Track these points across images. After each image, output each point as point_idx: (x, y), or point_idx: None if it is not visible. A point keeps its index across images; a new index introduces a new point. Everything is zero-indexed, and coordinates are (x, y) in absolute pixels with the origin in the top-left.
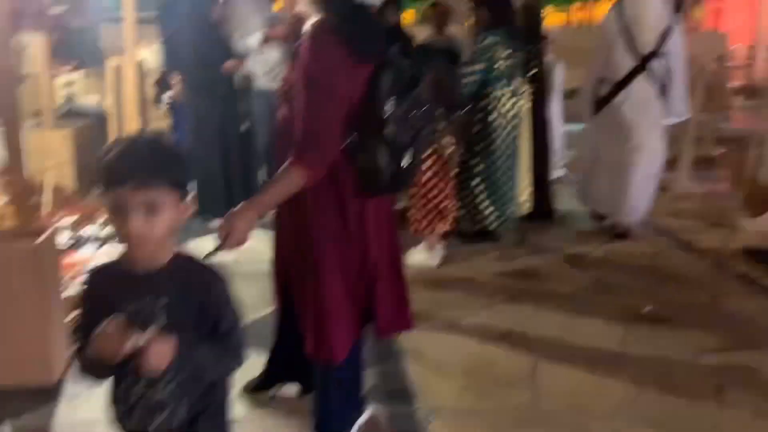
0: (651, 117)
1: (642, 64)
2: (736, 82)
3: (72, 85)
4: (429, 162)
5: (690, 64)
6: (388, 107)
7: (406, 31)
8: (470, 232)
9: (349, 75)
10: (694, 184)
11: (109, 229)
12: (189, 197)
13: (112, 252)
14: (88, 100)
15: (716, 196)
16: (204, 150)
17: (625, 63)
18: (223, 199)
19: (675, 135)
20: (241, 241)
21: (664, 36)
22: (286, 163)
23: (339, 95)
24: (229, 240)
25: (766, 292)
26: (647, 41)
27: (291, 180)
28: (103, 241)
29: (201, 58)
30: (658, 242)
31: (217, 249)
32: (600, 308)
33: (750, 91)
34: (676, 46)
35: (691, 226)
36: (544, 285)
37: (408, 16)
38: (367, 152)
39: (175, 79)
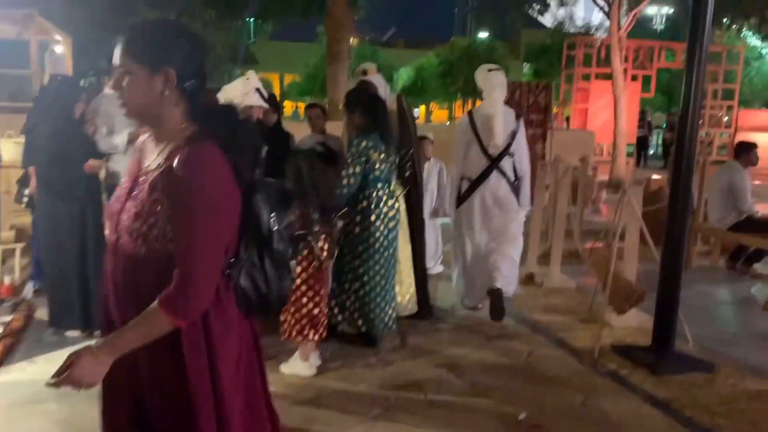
0: (504, 206)
1: (494, 163)
2: (602, 177)
3: None
4: (301, 267)
5: (558, 161)
6: (270, 223)
7: (284, 133)
8: (350, 335)
9: (235, 196)
10: (566, 279)
11: None
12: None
13: None
14: None
15: (587, 290)
16: (57, 255)
17: (480, 162)
18: (78, 308)
19: (545, 230)
20: (85, 384)
21: (511, 139)
22: (155, 304)
23: (230, 223)
24: (70, 379)
25: (634, 391)
26: (497, 144)
27: (158, 326)
28: None
29: (59, 154)
30: (532, 340)
31: (55, 384)
32: (477, 417)
33: (615, 185)
34: (520, 147)
35: (564, 323)
36: (421, 394)
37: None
38: (253, 272)
39: (32, 171)
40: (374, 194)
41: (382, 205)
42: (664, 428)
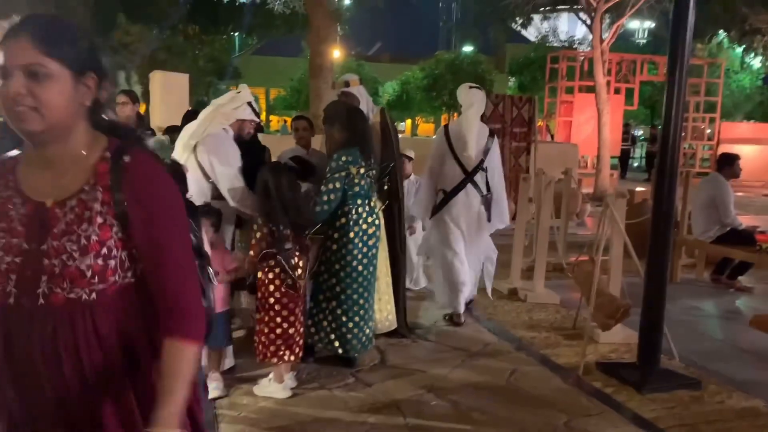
0: (477, 219)
1: (468, 177)
2: (586, 190)
3: None
4: (273, 285)
5: (540, 174)
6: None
7: (260, 146)
8: (327, 354)
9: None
10: (550, 294)
11: None
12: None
13: None
14: None
15: (571, 305)
16: None
17: (455, 175)
18: None
19: (529, 244)
20: None
21: (484, 155)
22: (169, 343)
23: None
24: None
25: (620, 410)
26: (469, 155)
27: (191, 362)
28: None
29: None
30: (516, 357)
31: None
32: None
33: (599, 198)
34: (493, 162)
35: (548, 339)
36: (400, 417)
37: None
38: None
39: None
40: (353, 211)
41: (361, 222)
42: None
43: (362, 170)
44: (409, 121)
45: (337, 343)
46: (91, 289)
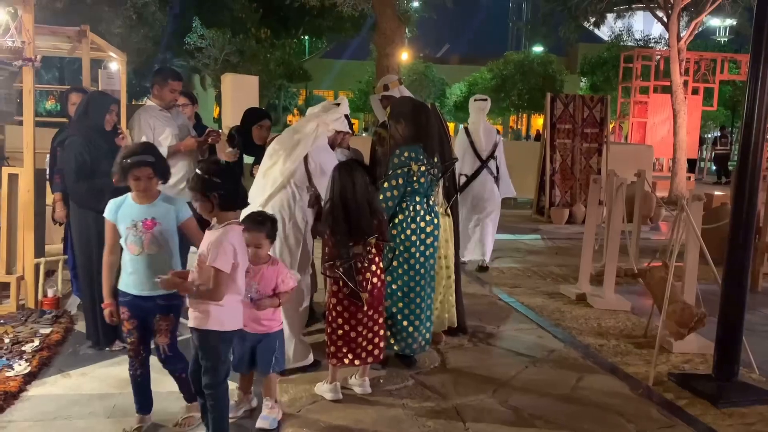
0: (491, 195)
1: (483, 164)
2: (660, 193)
3: None
4: (337, 287)
5: (612, 175)
6: None
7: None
8: (387, 355)
9: None
10: (621, 300)
11: None
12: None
13: None
14: None
15: (643, 312)
16: (89, 267)
17: (474, 163)
18: (111, 329)
19: (600, 249)
20: None
21: (493, 147)
22: None
23: None
24: None
25: (693, 423)
26: (480, 148)
27: None
28: None
29: (88, 166)
30: (582, 365)
31: None
32: None
33: (674, 201)
34: (501, 153)
35: (617, 347)
36: (460, 422)
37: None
38: None
39: (56, 198)
40: (411, 208)
41: (419, 220)
42: None
43: (423, 168)
44: None
45: (393, 341)
46: None
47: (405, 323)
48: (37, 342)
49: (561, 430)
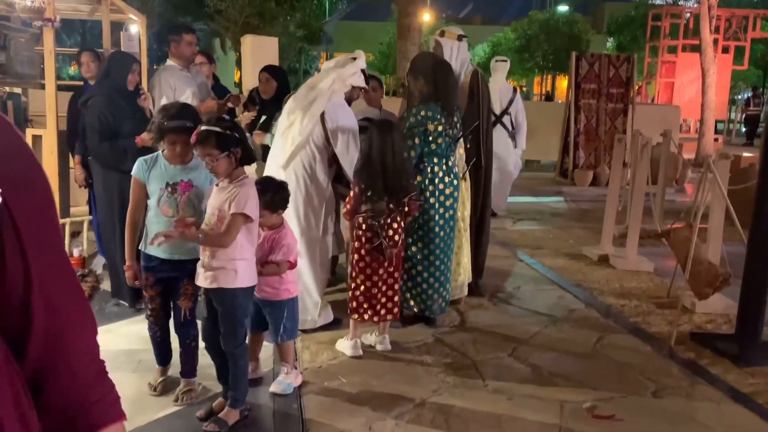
0: (505, 147)
1: (498, 119)
2: (687, 155)
3: None
4: (360, 243)
5: (637, 136)
6: None
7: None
8: (408, 315)
9: None
10: (643, 261)
11: None
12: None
13: None
14: None
15: (666, 274)
16: (113, 227)
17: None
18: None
19: (623, 210)
20: None
21: (509, 103)
22: None
23: None
24: None
25: (714, 383)
26: (499, 108)
27: None
28: None
29: (111, 126)
30: (603, 325)
31: None
32: (538, 405)
33: (701, 163)
34: (517, 106)
35: (639, 307)
36: (479, 379)
37: None
38: None
39: (76, 161)
40: (429, 169)
41: (437, 181)
42: (746, 424)
43: (440, 128)
44: None
45: (412, 302)
46: None
47: (424, 285)
48: None
49: (580, 387)
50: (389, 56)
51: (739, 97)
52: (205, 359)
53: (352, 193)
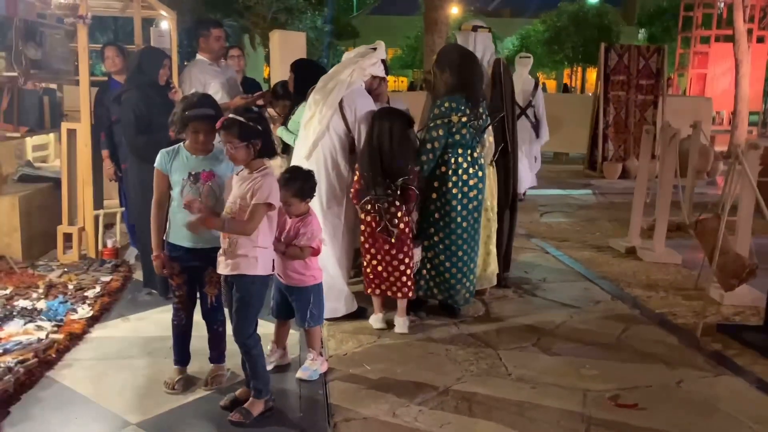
0: (529, 136)
1: (523, 111)
2: (719, 147)
3: (44, 148)
4: (366, 224)
5: (666, 128)
6: None
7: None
8: (432, 304)
9: None
10: (671, 253)
11: (41, 304)
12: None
13: (36, 331)
14: (57, 165)
15: (694, 266)
16: (147, 218)
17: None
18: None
19: (651, 202)
20: None
21: (532, 96)
22: None
23: None
24: None
25: (741, 373)
26: (523, 100)
27: None
28: (32, 317)
29: (145, 121)
30: (629, 316)
31: None
32: (562, 393)
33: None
34: (539, 100)
35: (665, 299)
36: (502, 368)
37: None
38: None
39: (104, 155)
40: (452, 160)
41: (461, 172)
42: None
43: (464, 119)
44: None
45: (436, 290)
46: None
47: (447, 275)
48: (98, 289)
49: (604, 377)
50: (417, 50)
51: None
52: (233, 346)
53: (356, 178)
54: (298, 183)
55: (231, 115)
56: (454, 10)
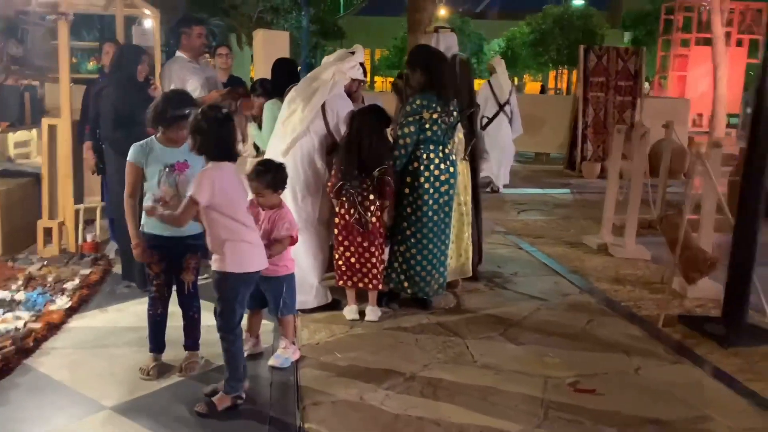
0: (506, 131)
1: (501, 108)
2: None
3: (26, 144)
4: (340, 215)
5: (637, 127)
6: None
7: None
8: (404, 297)
9: None
10: (641, 250)
11: (20, 295)
12: None
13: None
14: (39, 162)
15: (663, 262)
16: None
17: (494, 108)
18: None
19: (625, 201)
20: None
21: (509, 95)
22: None
23: None
24: None
25: (698, 362)
26: (503, 98)
27: None
28: (10, 307)
29: (123, 116)
30: (595, 308)
31: None
32: (524, 379)
33: None
34: (514, 99)
35: (631, 293)
36: (469, 356)
37: None
38: None
39: (86, 147)
40: (424, 156)
41: (432, 168)
42: (723, 400)
43: (435, 116)
44: (515, 79)
45: (406, 284)
46: None
47: (418, 268)
48: (77, 281)
49: (567, 364)
50: (403, 51)
51: None
52: (207, 335)
53: (333, 171)
54: (270, 174)
55: (194, 117)
56: (442, 12)
